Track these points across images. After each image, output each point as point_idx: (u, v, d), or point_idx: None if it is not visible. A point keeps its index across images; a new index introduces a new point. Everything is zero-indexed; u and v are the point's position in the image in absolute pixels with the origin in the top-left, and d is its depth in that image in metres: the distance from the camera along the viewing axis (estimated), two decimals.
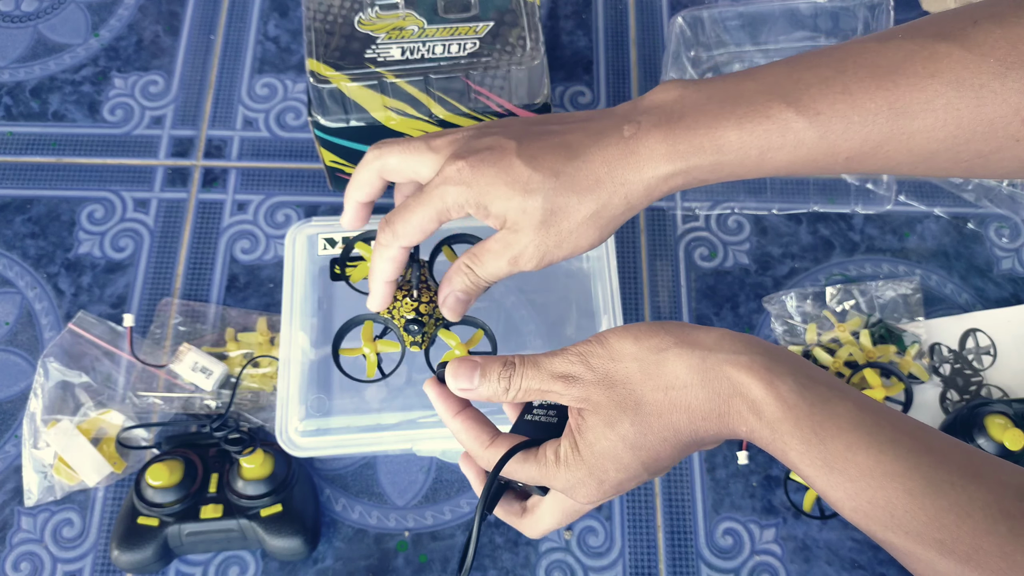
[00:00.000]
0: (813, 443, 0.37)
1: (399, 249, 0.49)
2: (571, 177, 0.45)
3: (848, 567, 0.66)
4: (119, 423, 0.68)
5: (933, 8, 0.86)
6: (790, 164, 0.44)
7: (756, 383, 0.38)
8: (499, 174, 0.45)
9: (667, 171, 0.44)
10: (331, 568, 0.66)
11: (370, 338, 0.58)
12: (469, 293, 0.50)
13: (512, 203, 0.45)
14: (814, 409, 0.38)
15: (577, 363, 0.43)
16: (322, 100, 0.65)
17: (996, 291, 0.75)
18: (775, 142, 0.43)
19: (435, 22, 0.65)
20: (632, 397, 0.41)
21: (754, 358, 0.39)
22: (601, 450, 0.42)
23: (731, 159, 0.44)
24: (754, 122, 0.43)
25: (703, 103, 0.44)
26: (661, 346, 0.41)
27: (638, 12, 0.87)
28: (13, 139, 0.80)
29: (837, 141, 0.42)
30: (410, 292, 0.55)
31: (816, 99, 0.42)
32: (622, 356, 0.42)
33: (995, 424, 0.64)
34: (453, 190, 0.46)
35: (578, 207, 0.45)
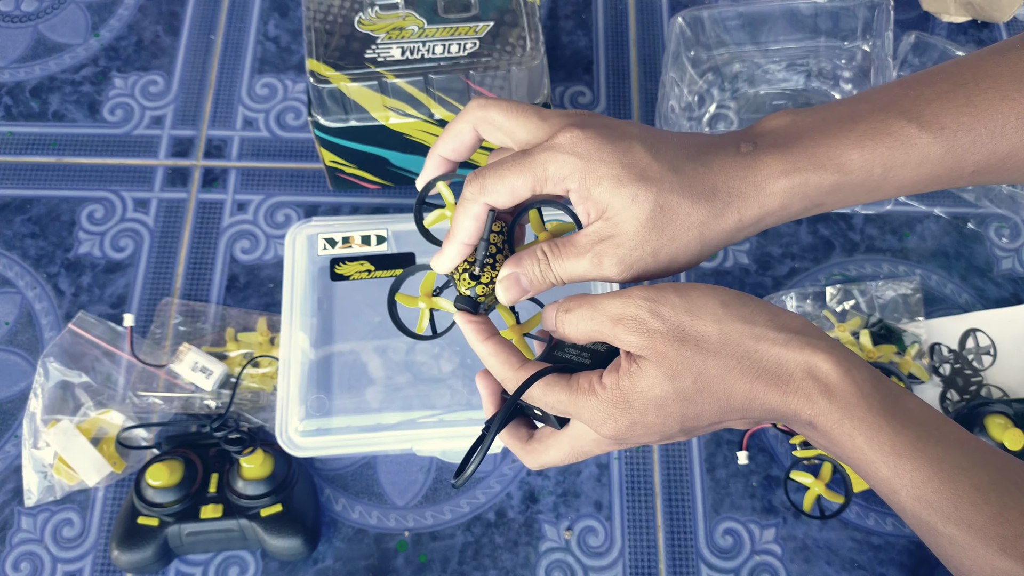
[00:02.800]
0: (884, 430, 0.37)
1: (483, 206, 0.44)
2: (690, 178, 0.42)
3: (848, 567, 0.66)
4: (119, 423, 0.68)
5: (933, 8, 0.86)
6: (915, 182, 0.42)
7: (834, 367, 0.38)
8: (616, 153, 0.42)
9: (784, 187, 0.42)
10: (331, 568, 0.66)
11: (429, 292, 0.53)
12: (534, 284, 0.45)
13: (624, 190, 0.41)
14: (887, 400, 0.38)
15: (644, 308, 0.40)
16: (322, 100, 0.65)
17: (996, 291, 0.75)
18: (899, 159, 0.41)
19: (435, 22, 0.65)
20: (701, 356, 0.39)
21: (834, 346, 0.39)
22: (650, 396, 0.40)
23: (853, 180, 0.42)
24: (876, 139, 0.41)
25: (819, 124, 0.43)
26: (751, 318, 0.39)
27: (638, 12, 0.87)
28: (13, 139, 0.80)
29: (963, 155, 0.41)
30: (472, 268, 0.50)
31: (939, 114, 0.41)
32: (703, 314, 0.40)
33: (995, 424, 0.64)
34: (561, 158, 0.42)
35: (689, 212, 0.42)
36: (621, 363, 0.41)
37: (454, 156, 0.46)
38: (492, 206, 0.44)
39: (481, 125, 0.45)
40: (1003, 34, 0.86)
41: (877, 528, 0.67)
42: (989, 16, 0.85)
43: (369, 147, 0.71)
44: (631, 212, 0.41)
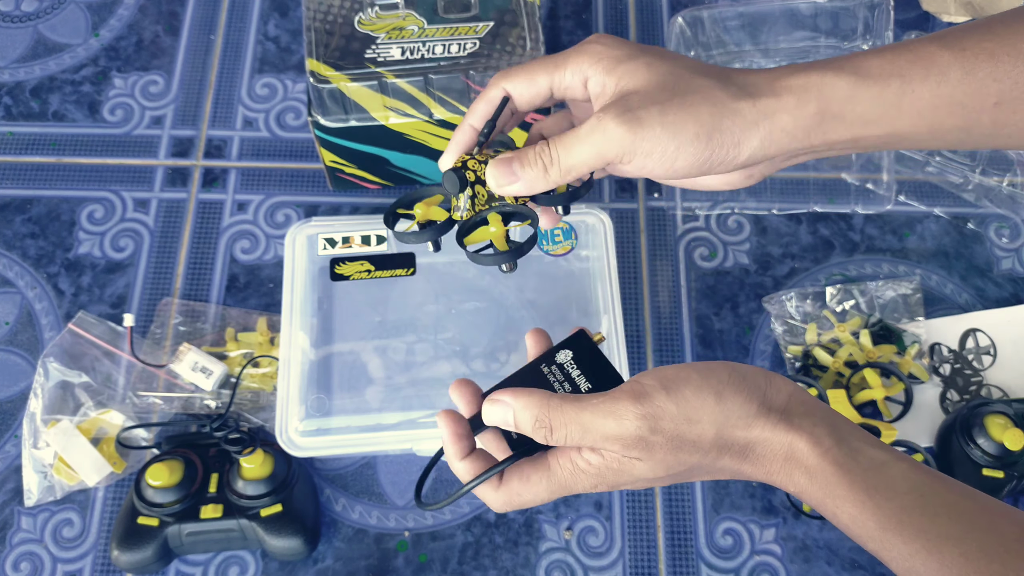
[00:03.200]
0: (867, 506, 0.37)
1: (502, 89, 0.44)
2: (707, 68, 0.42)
3: (848, 567, 0.66)
4: (119, 423, 0.68)
5: (933, 8, 0.86)
6: (933, 106, 0.41)
7: (812, 450, 0.38)
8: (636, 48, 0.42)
9: (800, 82, 0.40)
10: (331, 568, 0.66)
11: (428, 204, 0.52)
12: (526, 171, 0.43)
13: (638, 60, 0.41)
14: (868, 474, 0.37)
15: (644, 428, 0.38)
16: (322, 100, 0.65)
17: (996, 291, 0.75)
18: (918, 72, 0.40)
19: (435, 22, 0.65)
20: (697, 454, 0.39)
21: (815, 422, 0.39)
22: (642, 477, 0.40)
23: (869, 85, 0.40)
24: (896, 52, 0.41)
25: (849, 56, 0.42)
26: (745, 410, 0.39)
27: (638, 12, 0.87)
28: (13, 139, 0.80)
29: (984, 80, 0.40)
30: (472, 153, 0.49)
31: (960, 37, 0.41)
32: (700, 417, 0.39)
33: (995, 424, 0.64)
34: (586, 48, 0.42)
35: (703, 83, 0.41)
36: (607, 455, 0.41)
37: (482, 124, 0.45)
38: (510, 93, 0.44)
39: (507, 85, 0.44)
40: None
41: None
42: None
43: (369, 147, 0.71)
44: (645, 75, 0.41)
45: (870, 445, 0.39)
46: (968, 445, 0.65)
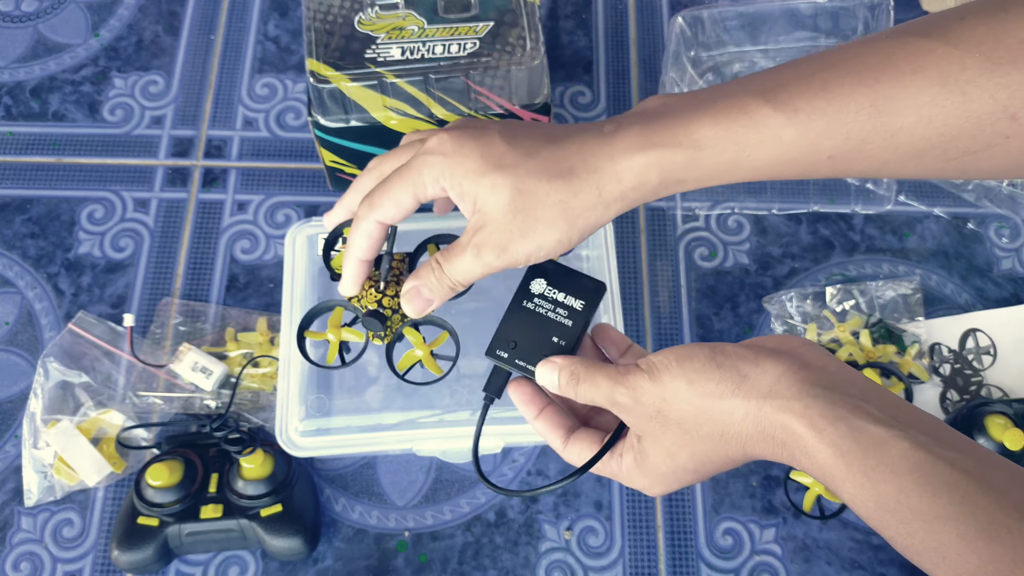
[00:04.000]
0: (865, 487, 0.37)
1: (375, 223, 0.48)
2: (545, 160, 0.44)
3: (848, 567, 0.66)
4: (119, 423, 0.68)
5: (933, 8, 0.86)
6: (771, 164, 0.43)
7: (807, 431, 0.38)
8: (477, 147, 0.45)
9: (641, 163, 0.43)
10: (331, 568, 0.66)
11: (338, 324, 0.59)
12: (433, 292, 0.49)
13: (484, 180, 0.44)
14: (867, 454, 0.37)
15: (628, 396, 0.43)
16: (322, 100, 0.65)
17: (996, 291, 0.75)
18: (752, 139, 0.42)
19: (435, 22, 0.65)
20: (687, 436, 0.42)
21: (808, 403, 0.39)
22: (663, 472, 0.44)
23: (707, 155, 0.43)
24: (730, 117, 0.42)
25: (684, 104, 0.44)
26: (717, 392, 0.40)
27: (638, 12, 0.87)
28: (13, 139, 0.80)
29: (817, 139, 0.42)
30: (377, 284, 0.56)
31: (794, 96, 0.42)
32: (674, 398, 0.41)
33: (995, 424, 0.64)
34: (431, 160, 0.45)
35: (548, 192, 0.44)
36: (631, 441, 0.45)
37: (371, 255, 0.50)
38: (383, 222, 0.48)
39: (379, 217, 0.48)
40: None
41: None
42: None
43: (369, 147, 0.71)
44: (493, 199, 0.44)
45: (872, 422, 0.38)
46: None
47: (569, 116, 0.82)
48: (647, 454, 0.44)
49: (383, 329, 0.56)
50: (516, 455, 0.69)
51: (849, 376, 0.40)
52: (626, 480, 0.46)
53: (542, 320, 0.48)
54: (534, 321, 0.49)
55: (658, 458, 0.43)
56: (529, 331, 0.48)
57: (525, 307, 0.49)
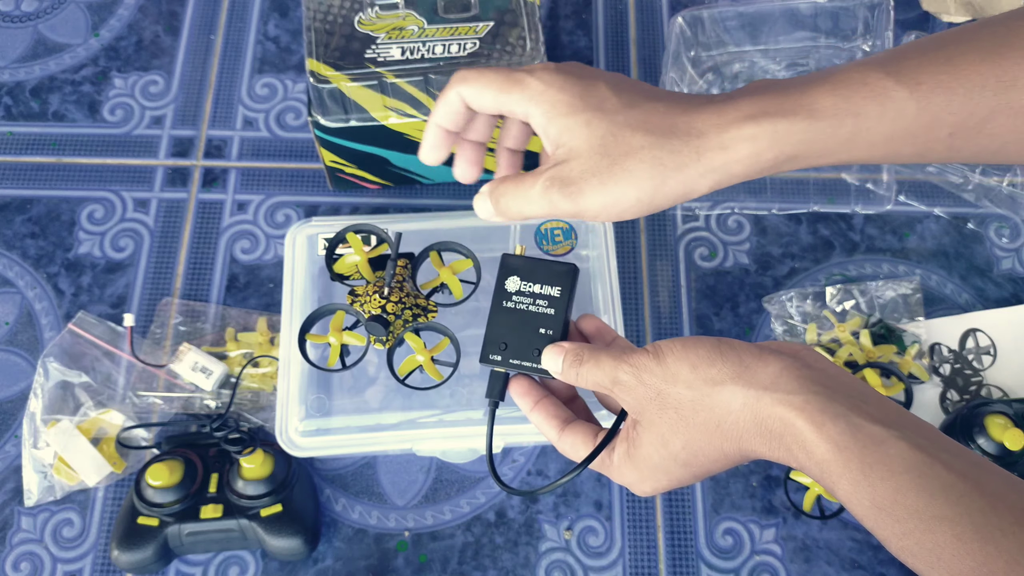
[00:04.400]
0: (862, 484, 0.37)
1: (456, 95, 0.45)
2: (646, 112, 0.42)
3: (848, 567, 0.66)
4: (119, 423, 0.68)
5: (933, 8, 0.86)
6: (888, 138, 0.41)
7: (806, 425, 0.38)
8: (579, 85, 0.42)
9: (752, 132, 0.40)
10: (331, 568, 0.66)
11: (339, 328, 0.59)
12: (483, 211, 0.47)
13: (579, 116, 0.42)
14: (865, 451, 0.37)
15: (631, 374, 0.42)
16: (322, 100, 0.65)
17: (996, 291, 0.75)
18: (872, 110, 0.40)
19: (435, 22, 0.65)
20: (683, 422, 0.41)
21: (808, 398, 0.38)
22: (654, 463, 0.43)
23: (824, 127, 0.41)
24: (850, 88, 0.41)
25: (799, 79, 0.42)
26: (717, 378, 0.40)
27: (638, 12, 0.87)
28: (13, 139, 0.80)
29: (939, 114, 0.40)
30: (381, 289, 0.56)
31: (916, 69, 0.40)
32: (676, 380, 0.41)
33: (995, 424, 0.64)
34: (532, 83, 0.43)
35: (643, 145, 0.41)
36: (627, 429, 0.44)
37: (452, 126, 0.47)
38: (463, 99, 0.45)
39: (464, 92, 0.45)
40: None
41: None
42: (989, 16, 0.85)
43: (369, 147, 0.71)
44: (583, 135, 0.42)
45: (871, 421, 0.38)
46: (968, 445, 0.65)
47: None
48: (640, 441, 0.43)
49: (386, 334, 0.56)
50: (516, 455, 0.69)
51: (848, 379, 0.40)
52: (616, 474, 0.45)
53: (525, 315, 0.49)
54: (518, 318, 0.49)
55: (651, 446, 0.42)
56: (516, 329, 0.49)
57: (506, 307, 0.49)
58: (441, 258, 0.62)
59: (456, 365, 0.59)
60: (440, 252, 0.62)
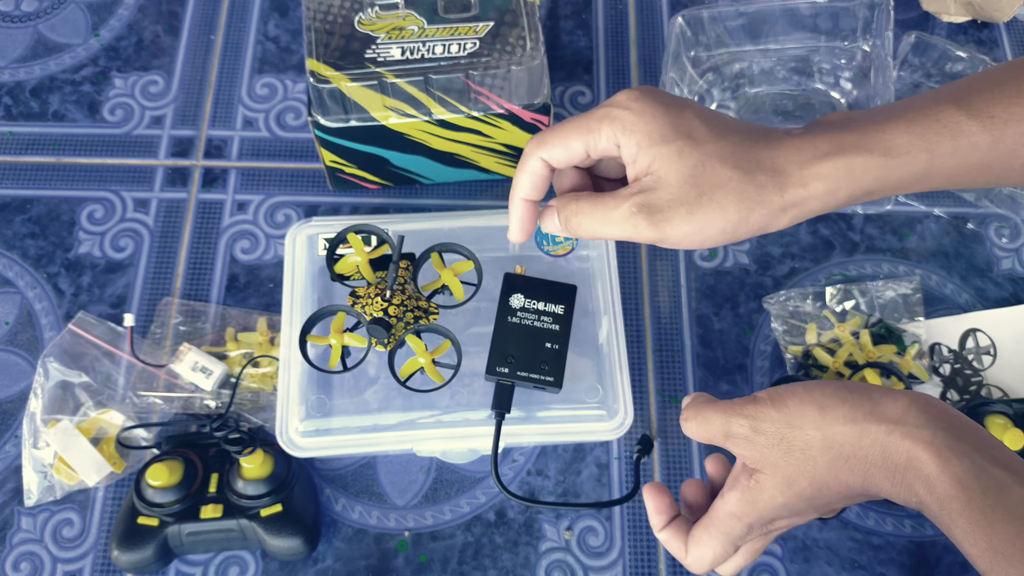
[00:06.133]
0: (982, 525, 0.37)
1: (540, 161, 0.46)
2: (734, 146, 0.42)
3: (848, 567, 0.66)
4: (119, 423, 0.68)
5: (933, 8, 0.86)
6: (962, 171, 0.42)
7: (932, 460, 0.38)
8: (669, 114, 0.43)
9: (830, 169, 0.41)
10: (331, 568, 0.66)
11: (340, 329, 0.59)
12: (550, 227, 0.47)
13: (671, 145, 0.42)
14: (988, 493, 0.37)
15: (746, 427, 0.42)
16: (322, 100, 0.65)
17: (996, 291, 0.75)
18: (946, 145, 0.41)
19: (435, 22, 0.65)
20: (811, 462, 0.41)
21: (936, 434, 0.39)
22: (775, 504, 0.42)
23: (900, 163, 0.41)
24: (924, 125, 0.41)
25: (873, 114, 0.43)
26: (850, 417, 0.40)
27: (638, 12, 0.87)
28: (13, 139, 0.80)
29: (1013, 146, 0.41)
30: (383, 291, 0.56)
31: (989, 102, 0.41)
32: (803, 424, 0.41)
33: (995, 424, 0.64)
34: (616, 113, 0.43)
35: (731, 177, 0.42)
36: (740, 478, 0.44)
37: (537, 195, 0.47)
38: (548, 161, 0.45)
39: (544, 155, 0.46)
40: (1003, 34, 0.86)
41: (877, 528, 0.67)
42: (989, 16, 0.85)
43: (369, 147, 0.71)
44: (674, 165, 0.42)
45: (994, 463, 0.38)
46: None
47: (569, 116, 0.82)
48: (763, 486, 0.42)
49: (387, 336, 0.56)
50: (516, 455, 0.69)
51: (971, 422, 0.41)
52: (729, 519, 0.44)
53: (531, 330, 0.50)
54: (524, 333, 0.50)
55: (775, 489, 0.42)
56: (522, 343, 0.50)
57: (511, 322, 0.50)
58: (442, 259, 0.62)
59: (457, 367, 0.59)
60: (441, 253, 0.62)
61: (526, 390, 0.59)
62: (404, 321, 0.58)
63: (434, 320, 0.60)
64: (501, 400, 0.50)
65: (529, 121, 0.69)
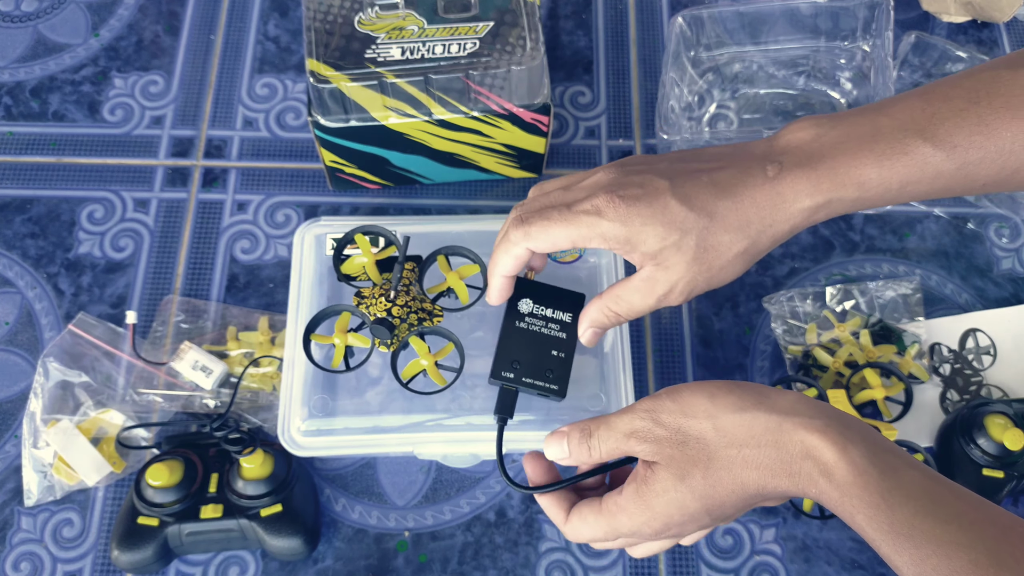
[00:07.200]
0: (882, 508, 0.38)
1: (525, 250, 0.49)
2: (723, 217, 0.46)
3: (848, 567, 0.66)
4: (119, 423, 0.68)
5: (933, 8, 0.86)
6: (928, 193, 0.46)
7: (829, 447, 0.39)
8: (655, 214, 0.46)
9: (810, 206, 0.46)
10: (331, 568, 0.66)
11: (344, 329, 0.59)
12: (606, 328, 0.51)
13: (668, 241, 0.46)
14: (884, 476, 0.38)
15: (646, 419, 0.44)
16: (322, 100, 0.65)
17: (996, 291, 0.75)
18: (914, 175, 0.45)
19: (435, 22, 0.65)
20: (704, 452, 0.42)
21: (828, 423, 0.40)
22: (669, 499, 0.44)
23: (872, 195, 0.45)
24: (893, 159, 0.44)
25: (841, 142, 0.46)
26: (740, 405, 0.42)
27: (638, 12, 0.87)
28: (13, 139, 0.80)
29: (974, 171, 0.44)
30: (387, 292, 0.56)
31: (952, 132, 0.44)
32: (695, 413, 0.43)
33: (995, 424, 0.64)
34: (605, 224, 0.46)
35: (730, 245, 0.46)
36: (638, 471, 0.45)
37: (516, 272, 0.51)
38: (532, 250, 0.49)
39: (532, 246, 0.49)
40: (1003, 34, 0.86)
41: None
42: (989, 16, 0.85)
43: (369, 147, 0.71)
44: (679, 257, 0.46)
45: (884, 449, 0.39)
46: (968, 445, 0.65)
47: (569, 116, 0.82)
48: (655, 478, 0.43)
49: (390, 337, 0.56)
50: (514, 455, 0.69)
51: (849, 414, 0.43)
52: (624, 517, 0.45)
53: (538, 337, 0.50)
54: (531, 338, 0.50)
55: (667, 480, 0.43)
56: (528, 348, 0.50)
57: (519, 327, 0.51)
58: (448, 262, 0.62)
59: (460, 370, 0.59)
60: (448, 256, 0.62)
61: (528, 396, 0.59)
62: (408, 322, 0.58)
63: (438, 323, 0.60)
64: (504, 405, 0.50)
65: (529, 121, 0.69)
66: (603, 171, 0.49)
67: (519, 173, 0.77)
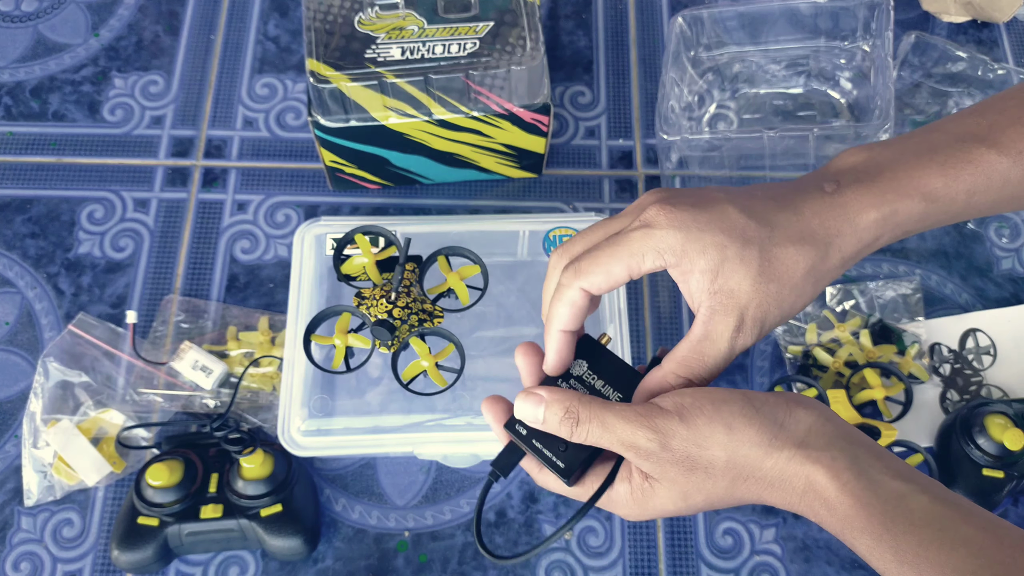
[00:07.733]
0: (885, 538, 0.37)
1: (580, 292, 0.43)
2: (787, 228, 0.42)
3: (848, 567, 0.66)
4: (119, 423, 0.68)
5: (933, 8, 0.86)
6: (995, 204, 0.44)
7: (831, 482, 0.38)
8: (712, 220, 0.41)
9: (876, 218, 0.42)
10: (331, 568, 0.66)
11: (344, 329, 0.59)
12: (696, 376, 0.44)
13: (729, 251, 0.41)
14: (887, 506, 0.38)
15: (653, 441, 0.40)
16: (322, 100, 0.65)
17: (996, 291, 0.75)
18: (980, 184, 0.43)
19: (435, 22, 0.65)
20: (711, 481, 0.40)
21: (835, 455, 0.39)
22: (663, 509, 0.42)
23: (938, 207, 0.43)
24: (958, 168, 0.43)
25: (898, 157, 0.44)
26: (757, 440, 0.40)
27: (638, 12, 0.87)
28: (13, 139, 0.80)
29: None
30: (388, 294, 0.56)
31: (1015, 139, 0.43)
32: (710, 445, 0.40)
33: (995, 424, 0.64)
34: (659, 234, 0.41)
35: (796, 259, 0.42)
36: (633, 476, 0.42)
37: (576, 326, 0.45)
38: (588, 291, 0.43)
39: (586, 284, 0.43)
40: (1003, 34, 0.86)
41: None
42: (989, 16, 0.85)
43: (369, 147, 0.71)
44: (742, 273, 0.41)
45: (892, 476, 0.38)
46: (968, 445, 0.65)
47: (569, 116, 0.82)
48: (655, 494, 0.42)
49: (391, 339, 0.56)
50: None
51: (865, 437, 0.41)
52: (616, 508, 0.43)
53: None
54: None
55: (668, 500, 0.41)
56: None
57: (559, 385, 0.45)
58: (449, 263, 0.62)
59: (460, 371, 0.59)
60: (448, 257, 0.61)
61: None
62: (408, 323, 0.58)
63: (439, 323, 0.60)
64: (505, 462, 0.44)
65: (529, 121, 0.69)
66: (647, 193, 0.44)
67: (519, 173, 0.77)
